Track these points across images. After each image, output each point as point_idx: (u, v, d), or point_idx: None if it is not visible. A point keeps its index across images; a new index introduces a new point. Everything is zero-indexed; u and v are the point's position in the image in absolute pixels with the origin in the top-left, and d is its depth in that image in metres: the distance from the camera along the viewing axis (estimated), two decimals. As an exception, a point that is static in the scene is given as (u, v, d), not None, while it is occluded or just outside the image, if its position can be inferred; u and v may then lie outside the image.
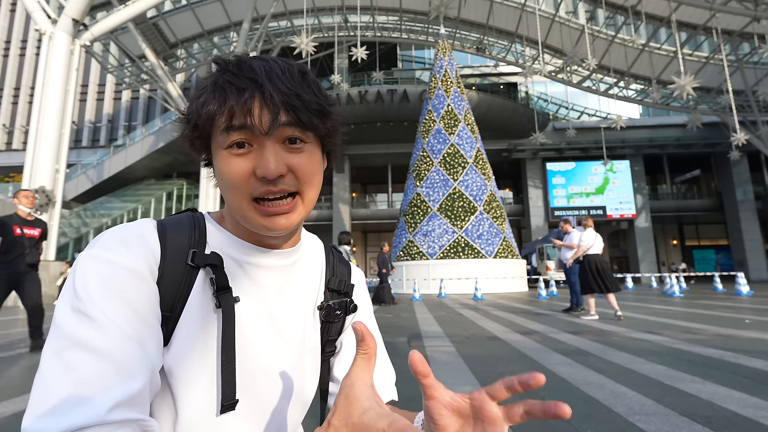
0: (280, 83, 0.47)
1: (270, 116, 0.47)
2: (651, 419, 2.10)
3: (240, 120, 0.47)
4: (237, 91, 0.47)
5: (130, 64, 22.67)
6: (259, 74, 0.48)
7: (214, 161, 0.51)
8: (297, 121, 0.48)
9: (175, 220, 0.54)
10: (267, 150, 0.47)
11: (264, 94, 0.47)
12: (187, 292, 0.50)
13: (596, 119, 29.61)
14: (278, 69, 0.49)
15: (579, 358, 3.65)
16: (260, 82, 0.47)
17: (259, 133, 0.47)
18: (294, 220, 0.51)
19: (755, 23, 18.28)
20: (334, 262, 0.66)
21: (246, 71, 0.48)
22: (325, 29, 23.10)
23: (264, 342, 0.53)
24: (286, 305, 0.57)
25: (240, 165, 0.48)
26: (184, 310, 0.49)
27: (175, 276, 0.49)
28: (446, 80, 18.28)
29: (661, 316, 6.78)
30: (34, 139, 12.91)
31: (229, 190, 0.49)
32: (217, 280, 0.51)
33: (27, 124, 31.13)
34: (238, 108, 0.46)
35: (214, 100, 0.48)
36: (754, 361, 3.37)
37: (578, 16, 25.33)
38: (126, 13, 14.88)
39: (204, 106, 0.48)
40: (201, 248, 0.53)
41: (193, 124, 0.50)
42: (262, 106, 0.47)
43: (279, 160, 0.47)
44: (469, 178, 16.72)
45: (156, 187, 27.92)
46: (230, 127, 0.47)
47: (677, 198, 30.87)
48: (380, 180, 32.97)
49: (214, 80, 0.49)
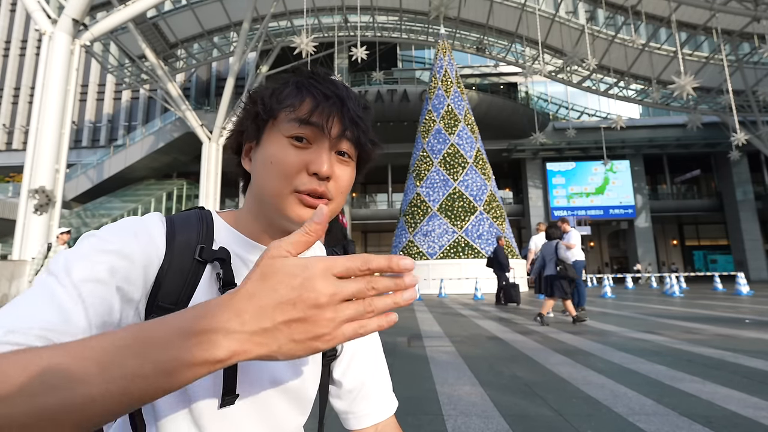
0: (354, 105, 0.54)
1: (340, 127, 0.52)
2: (651, 419, 2.11)
3: (317, 119, 0.51)
4: (323, 96, 0.52)
5: (130, 64, 22.66)
6: (341, 91, 0.54)
7: (265, 146, 0.53)
8: (357, 139, 0.54)
9: (183, 216, 0.56)
10: (324, 151, 0.51)
11: (344, 108, 0.52)
12: (194, 286, 0.51)
13: (596, 119, 29.60)
14: (353, 94, 0.55)
15: (579, 358, 3.65)
16: (343, 98, 0.53)
17: (326, 136, 0.51)
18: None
19: (755, 23, 18.27)
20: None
21: (331, 85, 0.54)
22: (325, 29, 23.10)
23: None
24: None
25: (296, 156, 0.51)
26: (190, 304, 0.50)
27: (182, 269, 0.51)
28: (446, 80, 18.28)
29: (661, 316, 6.79)
30: (34, 139, 12.91)
31: (274, 176, 0.51)
32: (224, 275, 0.52)
33: (27, 124, 31.12)
34: (319, 109, 0.51)
35: (297, 95, 0.53)
36: (754, 361, 3.37)
37: (578, 16, 25.31)
38: (126, 13, 14.87)
39: (286, 98, 0.53)
40: (208, 244, 0.54)
41: (267, 107, 0.53)
42: (337, 116, 0.52)
43: (331, 164, 0.52)
44: (469, 178, 16.71)
45: (156, 187, 27.91)
46: (305, 121, 0.51)
47: (677, 198, 30.87)
48: (380, 180, 32.98)
49: (297, 81, 0.54)
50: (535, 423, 2.11)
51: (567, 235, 7.50)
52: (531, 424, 2.10)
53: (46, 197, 12.62)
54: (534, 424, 2.09)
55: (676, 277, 14.99)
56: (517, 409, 2.32)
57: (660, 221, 30.56)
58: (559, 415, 2.21)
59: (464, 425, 2.08)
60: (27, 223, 12.62)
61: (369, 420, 0.64)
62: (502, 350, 4.06)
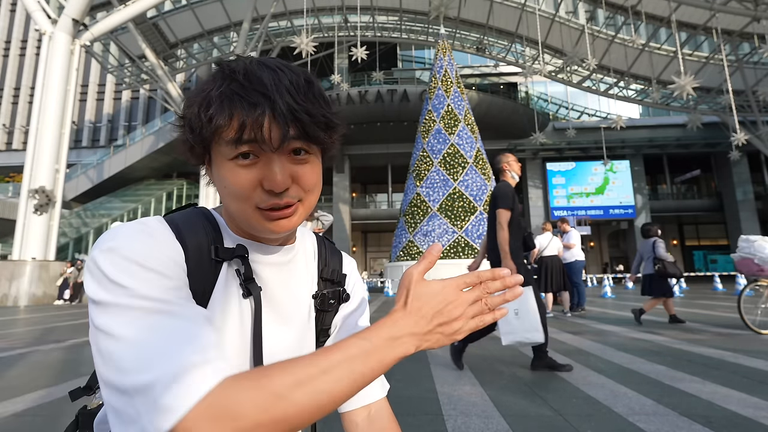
0: (289, 98, 0.48)
1: (280, 132, 0.47)
2: (651, 419, 2.11)
3: (250, 135, 0.47)
4: (248, 106, 0.47)
5: (130, 64, 22.65)
6: (270, 88, 0.48)
7: (216, 169, 0.51)
8: (304, 135, 0.49)
9: (184, 217, 0.55)
10: (274, 163, 0.48)
11: (275, 111, 0.47)
12: (211, 286, 0.52)
13: (596, 119, 29.59)
14: (287, 80, 0.49)
15: (579, 358, 3.65)
16: (272, 98, 0.47)
17: (268, 149, 0.48)
18: (295, 223, 0.53)
19: (755, 23, 18.26)
20: (325, 253, 0.69)
21: (256, 84, 0.48)
22: (325, 29, 23.09)
23: (272, 333, 0.57)
24: (287, 299, 0.60)
25: (246, 176, 0.49)
26: (209, 306, 0.52)
27: (201, 270, 0.51)
28: (446, 80, 18.27)
29: (660, 316, 6.79)
30: (34, 139, 12.91)
31: (234, 199, 0.50)
32: (245, 270, 0.54)
33: (27, 124, 31.12)
34: (249, 123, 0.47)
35: (222, 112, 0.47)
36: (754, 361, 3.37)
37: (578, 16, 25.30)
38: (126, 13, 14.88)
39: (212, 119, 0.48)
40: (220, 243, 0.55)
41: (197, 132, 0.49)
42: (272, 122, 0.47)
43: (285, 172, 0.49)
44: (469, 178, 16.71)
45: (156, 187, 27.90)
46: (239, 140, 0.47)
47: (677, 198, 30.85)
48: (380, 180, 32.96)
49: (220, 90, 0.48)
50: (535, 423, 2.11)
51: (567, 235, 7.53)
52: (531, 424, 2.10)
53: (46, 197, 12.61)
54: (534, 424, 2.09)
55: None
56: (517, 409, 2.32)
57: (660, 221, 30.52)
58: (559, 415, 2.21)
59: (464, 425, 2.08)
60: (27, 223, 12.62)
61: (359, 401, 0.64)
62: (502, 350, 4.06)
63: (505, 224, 3.27)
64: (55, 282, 12.91)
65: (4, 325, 6.77)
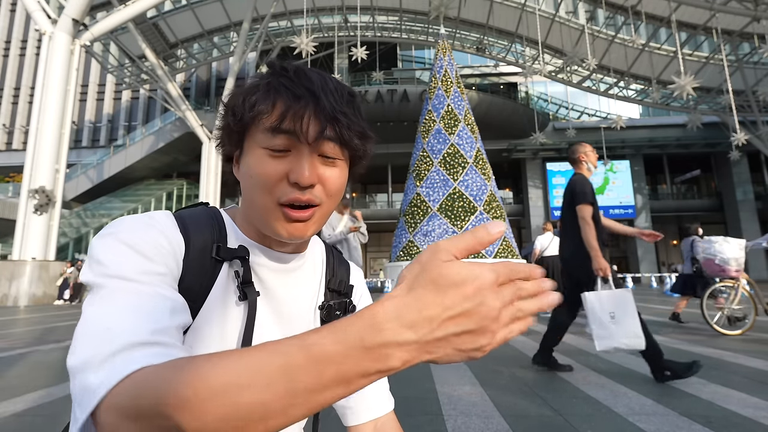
0: (333, 99, 0.49)
1: (318, 128, 0.48)
2: (651, 419, 2.10)
3: (289, 125, 0.47)
4: (293, 97, 0.48)
5: (130, 64, 22.66)
6: (317, 86, 0.49)
7: (246, 157, 0.51)
8: (339, 137, 0.49)
9: (192, 214, 0.55)
10: (304, 158, 0.49)
11: (318, 106, 0.48)
12: (210, 285, 0.51)
13: (596, 119, 29.60)
14: (332, 85, 0.50)
15: (579, 358, 3.65)
16: (317, 94, 0.48)
17: (303, 142, 0.48)
18: (311, 230, 0.52)
19: (755, 23, 18.27)
20: (334, 262, 0.68)
21: (304, 80, 0.49)
22: (325, 29, 23.10)
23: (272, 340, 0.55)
24: (292, 307, 0.59)
25: (275, 167, 0.49)
26: (205, 304, 0.51)
27: (201, 267, 0.50)
28: (446, 80, 18.27)
29: (660, 316, 6.79)
30: (34, 139, 12.91)
31: (257, 189, 0.50)
32: (244, 273, 0.53)
33: (27, 124, 31.11)
34: (290, 113, 0.47)
35: (266, 99, 0.49)
36: (754, 361, 3.37)
37: (578, 16, 25.30)
38: (126, 13, 14.88)
39: (255, 104, 0.49)
40: (223, 242, 0.54)
41: (238, 117, 0.50)
42: (312, 116, 0.48)
43: (313, 170, 0.49)
44: (469, 178, 16.71)
45: (156, 187, 27.91)
46: (277, 129, 0.48)
47: (677, 198, 30.85)
48: (380, 180, 32.96)
49: (268, 81, 0.50)
50: (535, 423, 2.11)
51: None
52: (531, 424, 2.10)
53: (46, 197, 12.61)
54: (534, 424, 2.09)
55: (676, 277, 14.98)
56: (517, 409, 2.32)
57: (660, 221, 30.54)
58: (559, 415, 2.21)
59: (464, 425, 2.08)
60: (27, 223, 12.62)
61: (367, 415, 0.63)
62: (502, 350, 4.06)
63: (589, 220, 3.05)
64: (55, 282, 12.91)
65: (4, 325, 6.77)
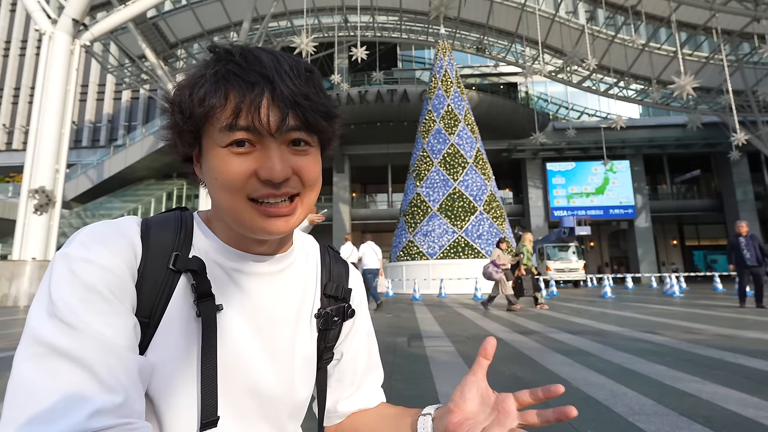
0: (290, 81, 0.44)
1: (279, 117, 0.43)
2: (651, 419, 2.10)
3: (246, 119, 0.43)
4: (245, 85, 0.43)
5: (130, 64, 22.66)
6: (269, 69, 0.44)
7: (207, 158, 0.46)
8: (305, 123, 0.45)
9: (161, 219, 0.50)
10: (272, 152, 0.44)
11: (274, 92, 0.43)
12: (168, 297, 0.46)
13: (596, 119, 29.61)
14: (287, 65, 0.45)
15: (579, 358, 3.65)
16: (271, 78, 0.43)
17: (266, 135, 0.44)
18: (293, 224, 0.48)
19: (755, 23, 18.26)
20: (330, 263, 0.62)
21: (255, 64, 0.44)
22: (325, 29, 23.10)
23: (250, 354, 0.49)
24: (275, 314, 0.53)
25: (240, 165, 0.44)
26: (164, 317, 0.46)
27: (156, 279, 0.46)
28: (446, 80, 18.28)
29: (661, 316, 6.79)
30: (34, 139, 12.90)
31: (224, 190, 0.45)
32: (197, 286, 0.47)
33: (27, 124, 31.11)
34: (245, 105, 0.42)
35: (216, 92, 0.43)
36: (754, 361, 3.37)
37: (578, 16, 25.30)
38: (126, 13, 14.86)
39: (205, 98, 0.43)
40: (185, 251, 0.49)
41: (187, 115, 0.45)
42: (270, 104, 0.43)
43: (285, 162, 0.44)
44: (469, 178, 16.72)
45: (156, 187, 27.92)
46: (233, 126, 0.43)
47: (677, 198, 30.87)
48: (380, 180, 32.97)
49: (215, 70, 0.44)
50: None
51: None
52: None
53: (46, 197, 12.61)
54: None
55: (676, 277, 14.99)
56: (517, 409, 2.32)
57: (660, 221, 30.56)
58: (559, 415, 2.20)
59: (464, 425, 2.07)
60: (27, 223, 12.61)
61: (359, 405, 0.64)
62: (502, 350, 4.06)
63: None
64: (55, 282, 12.89)
65: (4, 325, 6.77)
